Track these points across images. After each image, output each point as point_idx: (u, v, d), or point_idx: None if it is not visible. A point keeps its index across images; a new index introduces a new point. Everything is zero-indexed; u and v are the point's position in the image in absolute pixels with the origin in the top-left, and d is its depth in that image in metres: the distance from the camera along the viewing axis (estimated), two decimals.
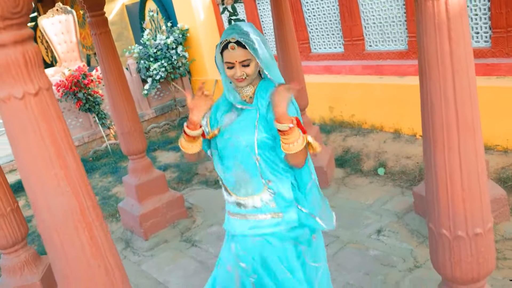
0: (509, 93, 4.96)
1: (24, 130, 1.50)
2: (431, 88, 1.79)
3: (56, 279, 1.72)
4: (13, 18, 1.41)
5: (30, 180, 1.57)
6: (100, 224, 1.67)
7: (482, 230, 1.95)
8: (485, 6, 5.25)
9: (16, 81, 1.45)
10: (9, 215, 3.25)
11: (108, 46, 4.41)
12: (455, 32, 1.69)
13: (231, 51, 2.21)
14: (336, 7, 6.82)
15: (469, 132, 1.80)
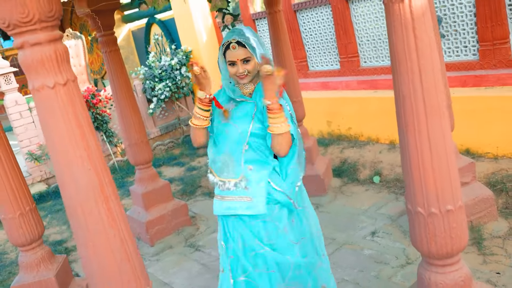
0: (497, 102, 5.23)
1: (54, 116, 1.79)
2: (400, 80, 2.08)
3: (78, 247, 1.98)
4: (48, 21, 1.71)
5: (59, 159, 1.84)
6: (115, 198, 1.94)
7: (453, 207, 2.20)
8: (471, 21, 5.57)
9: (48, 73, 1.74)
10: (28, 214, 3.51)
11: (117, 63, 4.73)
12: (419, 30, 1.98)
13: (233, 50, 2.49)
14: (331, 26, 7.16)
15: (436, 117, 2.06)
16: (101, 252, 1.92)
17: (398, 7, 2.00)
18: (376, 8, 6.48)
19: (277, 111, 2.38)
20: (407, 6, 1.98)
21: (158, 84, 8.70)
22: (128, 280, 1.98)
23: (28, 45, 1.70)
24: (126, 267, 1.97)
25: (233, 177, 2.60)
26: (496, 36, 5.35)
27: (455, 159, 2.18)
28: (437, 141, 2.10)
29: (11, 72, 7.84)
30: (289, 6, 7.67)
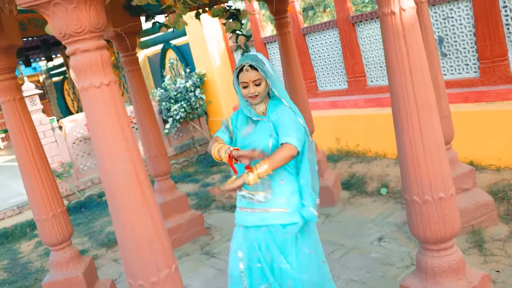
0: (498, 116, 5.50)
1: (99, 111, 2.11)
2: (394, 81, 2.39)
3: (114, 225, 2.29)
4: (96, 32, 2.05)
5: (101, 149, 2.16)
6: (147, 184, 2.25)
7: (445, 195, 2.48)
8: (472, 41, 5.89)
9: (95, 75, 2.07)
10: (59, 216, 3.82)
11: (139, 81, 5.09)
12: (409, 38, 2.30)
13: (245, 73, 2.75)
14: (339, 48, 7.52)
15: (427, 114, 2.37)
16: (135, 230, 2.22)
17: (391, 19, 2.33)
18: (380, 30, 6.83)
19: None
20: (398, 18, 2.31)
21: (173, 105, 9.08)
22: (158, 256, 2.28)
23: (79, 52, 2.04)
24: (157, 244, 2.27)
25: (262, 189, 2.77)
26: (495, 54, 5.65)
27: (445, 151, 2.47)
28: (428, 135, 2.39)
29: (36, 94, 8.28)
30: (299, 30, 8.06)
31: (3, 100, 3.56)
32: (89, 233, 6.66)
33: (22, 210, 8.00)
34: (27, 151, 3.66)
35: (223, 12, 4.83)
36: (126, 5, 4.73)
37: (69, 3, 1.94)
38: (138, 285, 2.31)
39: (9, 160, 14.09)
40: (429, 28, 3.96)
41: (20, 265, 6.05)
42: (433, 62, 4.02)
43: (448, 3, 6.02)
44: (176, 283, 2.39)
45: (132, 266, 2.29)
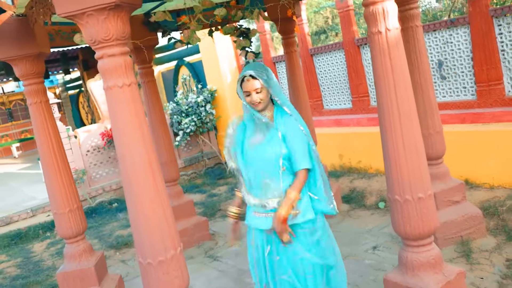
0: (493, 137, 5.79)
1: (121, 107, 2.46)
2: (380, 93, 2.71)
3: (128, 206, 2.61)
4: (121, 40, 2.41)
5: (121, 140, 2.50)
6: (159, 173, 2.59)
7: (424, 195, 2.78)
8: (469, 65, 6.21)
9: (118, 76, 2.42)
10: (75, 211, 4.15)
11: (153, 91, 5.46)
12: (393, 55, 2.63)
13: (247, 82, 2.92)
14: (344, 69, 7.87)
15: (408, 121, 2.68)
16: (146, 212, 2.54)
17: (378, 38, 2.66)
18: None
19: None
20: (384, 37, 2.64)
21: (184, 119, 9.45)
22: (165, 237, 2.60)
23: (106, 56, 2.39)
24: (164, 227, 2.59)
25: (275, 196, 2.93)
26: (491, 78, 5.96)
27: (424, 156, 2.78)
28: (409, 141, 2.70)
29: (55, 103, 8.69)
30: (306, 50, 8.43)
31: (30, 102, 3.92)
32: (99, 236, 6.97)
33: (35, 213, 8.34)
34: (49, 150, 4.01)
35: (234, 30, 5.22)
36: (145, 21, 5.13)
37: (100, 14, 2.29)
38: (147, 263, 2.62)
39: (23, 168, 14.54)
40: (423, 50, 4.28)
41: (33, 263, 6.36)
42: (426, 82, 4.34)
43: (448, 29, 6.36)
44: (181, 263, 2.69)
45: (143, 246, 2.61)
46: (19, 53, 3.72)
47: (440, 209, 4.38)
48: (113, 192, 9.05)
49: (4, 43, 3.69)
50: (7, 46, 3.70)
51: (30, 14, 3.45)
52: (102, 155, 9.14)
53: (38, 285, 5.49)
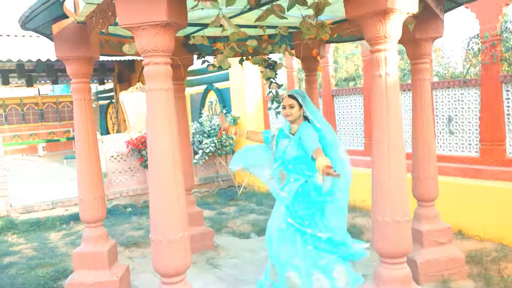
0: (490, 193, 6.19)
1: (157, 107, 2.99)
2: (376, 127, 3.20)
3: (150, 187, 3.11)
4: (166, 52, 2.96)
5: (153, 135, 3.03)
6: (179, 166, 3.10)
7: (401, 219, 3.22)
8: (476, 124, 6.66)
9: (159, 81, 2.96)
10: (99, 199, 4.66)
11: (182, 106, 6.04)
12: (389, 95, 3.13)
13: (285, 99, 4.28)
14: (361, 112, 8.37)
15: (396, 154, 3.16)
16: (164, 197, 3.06)
17: (379, 80, 3.16)
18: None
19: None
20: (384, 80, 3.14)
21: (205, 139, 10.01)
22: (177, 220, 3.11)
23: (152, 63, 2.94)
24: (177, 211, 3.10)
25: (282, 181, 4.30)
26: (495, 138, 6.39)
27: (407, 185, 3.23)
28: (395, 170, 3.17)
29: None
30: (329, 91, 8.97)
31: (76, 98, 4.49)
32: (111, 234, 7.43)
33: (55, 206, 8.88)
34: (85, 142, 4.54)
35: (262, 62, 5.77)
36: (185, 43, 5.73)
37: (153, 29, 2.86)
38: (158, 240, 3.10)
39: (47, 166, 15.23)
40: (428, 100, 4.75)
41: (48, 248, 6.87)
42: (428, 130, 4.79)
43: (461, 87, 6.84)
44: (186, 246, 3.17)
45: (157, 225, 3.10)
46: (74, 55, 4.32)
47: (426, 247, 4.77)
48: (129, 198, 9.57)
49: (62, 44, 4.29)
50: (65, 47, 4.30)
51: (89, 23, 4.04)
52: (124, 163, 9.71)
53: (51, 266, 5.98)
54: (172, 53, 3.04)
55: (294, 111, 4.19)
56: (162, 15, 2.81)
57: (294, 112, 4.19)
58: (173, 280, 3.22)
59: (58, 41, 4.27)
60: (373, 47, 3.23)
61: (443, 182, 6.28)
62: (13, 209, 8.54)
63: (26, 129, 20.32)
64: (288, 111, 4.20)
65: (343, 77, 17.30)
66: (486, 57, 6.35)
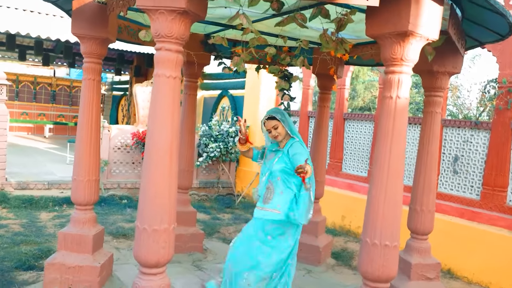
0: (483, 237, 6.12)
1: (162, 94, 2.96)
2: (378, 147, 3.14)
3: (142, 171, 3.06)
4: (179, 40, 2.94)
5: (155, 120, 2.99)
6: (176, 157, 3.05)
7: (390, 244, 3.15)
8: (481, 167, 6.59)
9: (168, 68, 2.94)
10: (92, 182, 4.62)
11: (191, 104, 6.01)
12: (397, 118, 3.08)
13: (267, 122, 4.24)
14: (370, 139, 8.32)
15: (394, 178, 3.10)
16: (155, 185, 3.02)
17: (389, 101, 3.12)
18: (409, 135, 7.61)
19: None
20: (394, 102, 3.10)
21: (212, 143, 9.98)
22: (164, 212, 3.05)
23: (164, 49, 2.92)
24: (166, 203, 3.05)
25: (269, 195, 4.18)
26: (497, 184, 6.32)
27: (401, 211, 3.16)
28: (391, 193, 3.11)
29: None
30: (341, 114, 8.93)
31: (85, 77, 4.48)
32: (102, 222, 7.39)
33: (50, 187, 8.88)
34: (88, 123, 4.52)
35: (278, 71, 5.75)
36: (204, 41, 5.73)
37: (169, 14, 2.84)
38: (143, 228, 3.06)
39: (50, 148, 15.26)
40: (436, 134, 4.69)
41: (36, 227, 6.84)
42: (431, 163, 4.72)
43: (471, 129, 6.78)
44: (170, 238, 3.12)
45: (144, 213, 3.05)
46: (90, 33, 4.31)
47: (413, 280, 4.67)
48: (126, 190, 9.54)
49: (80, 20, 4.28)
50: (82, 24, 4.29)
51: (109, 3, 4.02)
52: (127, 154, 9.70)
53: (36, 245, 5.94)
54: (186, 40, 3.02)
55: (280, 130, 4.19)
56: (181, 1, 2.80)
57: (280, 131, 4.19)
58: (152, 271, 3.17)
59: (76, 17, 4.27)
60: (388, 67, 3.19)
61: (439, 220, 6.23)
62: (8, 183, 8.54)
63: (36, 108, 20.42)
64: (274, 133, 4.19)
65: (359, 106, 17.32)
66: (500, 102, 6.30)
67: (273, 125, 4.18)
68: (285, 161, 4.11)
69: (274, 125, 4.17)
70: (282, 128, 4.18)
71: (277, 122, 4.17)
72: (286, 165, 4.10)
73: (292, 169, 4.03)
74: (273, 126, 4.18)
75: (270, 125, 4.19)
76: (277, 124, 4.17)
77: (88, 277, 4.47)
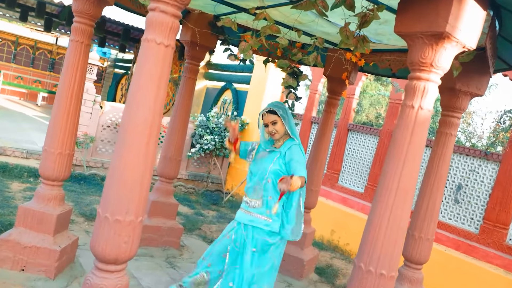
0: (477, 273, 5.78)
1: (149, 62, 2.51)
2: (389, 161, 2.70)
3: (112, 159, 2.61)
4: (179, 3, 2.48)
5: (135, 94, 2.56)
6: (154, 140, 2.61)
7: (386, 273, 2.71)
8: (485, 200, 6.17)
9: (161, 33, 2.49)
10: (65, 157, 4.15)
11: (189, 88, 5.56)
12: (416, 131, 2.64)
13: (265, 115, 3.75)
14: (372, 154, 7.88)
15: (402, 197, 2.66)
16: (128, 167, 2.56)
17: (409, 111, 2.68)
18: None
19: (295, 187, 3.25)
20: (414, 113, 2.66)
21: (207, 135, 9.52)
22: (133, 202, 2.60)
23: (158, 10, 2.48)
24: (137, 189, 2.60)
25: (258, 198, 3.69)
26: (499, 220, 5.91)
27: (403, 238, 2.73)
28: (396, 216, 2.67)
29: (96, 66, 8.89)
30: (346, 124, 8.49)
31: (72, 38, 4.01)
32: (77, 201, 6.95)
33: (29, 156, 8.36)
34: (69, 90, 4.05)
35: (287, 67, 5.31)
36: (212, 23, 5.27)
37: None
38: (104, 217, 2.61)
39: (39, 117, 14.78)
40: (448, 158, 4.26)
41: (4, 197, 6.36)
42: (438, 188, 4.28)
43: (480, 159, 6.36)
44: (135, 233, 2.66)
45: (109, 199, 2.60)
46: None
47: None
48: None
49: None
50: None
51: None
52: (116, 134, 9.20)
53: None
54: (185, 6, 2.56)
55: (278, 127, 3.72)
56: None
57: (278, 128, 3.72)
58: (109, 268, 2.71)
59: None
60: (413, 72, 2.75)
61: (433, 249, 5.79)
62: None
63: (32, 74, 19.79)
64: (272, 129, 3.72)
65: (362, 120, 16.96)
66: None
67: (272, 120, 3.71)
68: (279, 164, 3.66)
69: (273, 120, 3.70)
70: (281, 126, 3.72)
71: (277, 118, 3.70)
72: (280, 168, 3.64)
73: (286, 174, 3.59)
74: (272, 121, 3.71)
75: (269, 120, 3.72)
76: (276, 119, 3.70)
77: (44, 260, 4.01)
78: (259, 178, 3.68)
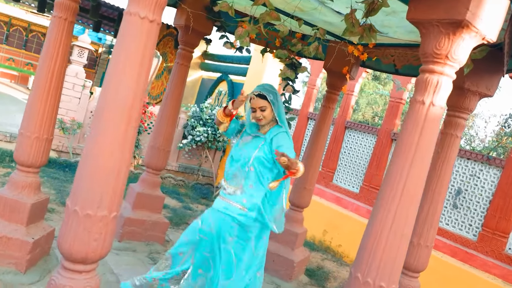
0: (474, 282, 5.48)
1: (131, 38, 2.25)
2: (393, 163, 2.43)
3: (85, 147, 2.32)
4: None
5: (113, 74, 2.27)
6: (134, 125, 2.32)
7: (386, 286, 2.44)
8: (485, 206, 5.92)
9: (145, 7, 2.21)
10: (42, 142, 3.84)
11: (181, 76, 5.26)
12: (425, 130, 2.36)
13: (254, 100, 3.41)
14: (369, 154, 7.61)
15: (407, 203, 2.39)
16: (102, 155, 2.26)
17: (418, 107, 2.40)
18: None
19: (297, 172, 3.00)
20: (425, 109, 2.39)
21: (200, 127, 9.22)
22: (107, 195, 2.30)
23: None
24: (111, 181, 2.30)
25: (237, 185, 3.39)
26: (499, 228, 5.67)
27: (406, 247, 2.46)
28: (399, 223, 2.40)
29: (87, 50, 8.56)
30: (343, 121, 8.22)
31: (55, 15, 3.69)
32: (60, 189, 6.65)
33: (13, 140, 8.06)
34: (49, 69, 3.72)
35: (286, 58, 5.03)
36: (208, 7, 4.97)
37: None
38: (73, 210, 2.32)
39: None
40: (452, 160, 3.99)
41: None
42: (441, 193, 4.01)
43: (481, 163, 6.10)
44: (107, 229, 2.38)
45: (79, 190, 2.32)
46: None
47: None
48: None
49: None
50: None
51: None
52: None
53: None
54: None
55: (267, 113, 3.40)
56: None
57: (266, 114, 3.40)
58: (77, 268, 2.41)
59: None
60: (426, 64, 2.47)
61: None
62: None
63: (24, 56, 19.26)
64: (259, 115, 3.39)
65: (358, 119, 16.73)
66: None
67: (261, 106, 3.38)
68: (264, 151, 3.35)
69: (262, 106, 3.38)
70: (270, 112, 3.41)
71: (266, 104, 3.38)
72: (265, 156, 3.34)
73: (270, 163, 3.34)
74: (260, 106, 3.38)
75: (258, 105, 3.39)
76: (266, 106, 3.38)
77: (15, 252, 3.70)
78: (241, 165, 3.40)
